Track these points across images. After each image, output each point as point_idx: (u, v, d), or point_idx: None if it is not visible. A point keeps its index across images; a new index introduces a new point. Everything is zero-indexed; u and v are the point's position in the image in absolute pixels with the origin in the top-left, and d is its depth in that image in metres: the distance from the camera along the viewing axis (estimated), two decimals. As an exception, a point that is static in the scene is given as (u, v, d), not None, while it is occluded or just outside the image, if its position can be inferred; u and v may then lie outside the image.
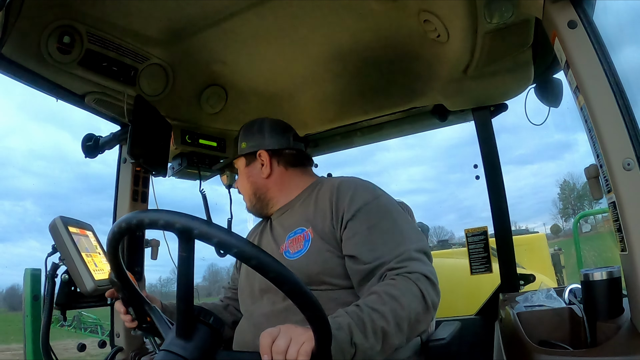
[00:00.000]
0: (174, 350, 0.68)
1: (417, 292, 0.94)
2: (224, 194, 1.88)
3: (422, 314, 0.94)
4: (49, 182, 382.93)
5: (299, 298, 0.66)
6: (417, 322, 0.94)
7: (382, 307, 0.88)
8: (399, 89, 1.74)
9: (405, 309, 0.90)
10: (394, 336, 0.89)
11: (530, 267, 2.93)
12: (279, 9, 1.30)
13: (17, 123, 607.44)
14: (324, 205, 1.16)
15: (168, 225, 0.65)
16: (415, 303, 0.93)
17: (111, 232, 0.74)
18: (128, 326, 1.02)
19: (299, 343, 0.71)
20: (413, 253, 1.01)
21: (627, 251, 0.81)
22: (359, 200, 1.11)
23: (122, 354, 1.56)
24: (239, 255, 0.64)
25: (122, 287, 0.88)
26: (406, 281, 0.95)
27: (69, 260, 1.26)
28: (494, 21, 1.17)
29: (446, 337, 1.22)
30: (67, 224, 1.29)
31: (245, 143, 1.33)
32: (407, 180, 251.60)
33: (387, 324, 0.87)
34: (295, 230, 1.18)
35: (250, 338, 1.12)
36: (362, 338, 0.84)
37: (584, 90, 0.88)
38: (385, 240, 1.05)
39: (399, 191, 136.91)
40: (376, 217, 1.09)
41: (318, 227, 1.13)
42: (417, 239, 1.07)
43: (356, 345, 0.83)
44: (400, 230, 1.07)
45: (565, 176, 48.06)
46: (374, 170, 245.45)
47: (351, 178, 1.22)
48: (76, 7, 1.22)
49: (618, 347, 0.79)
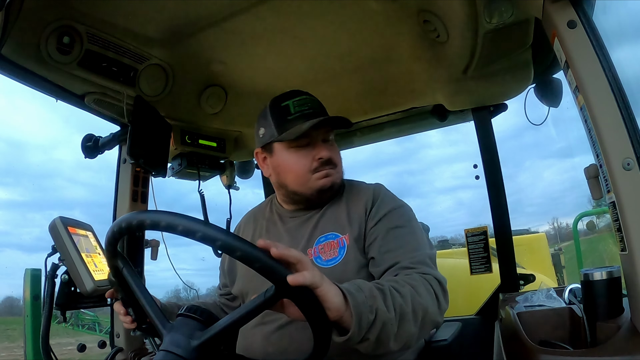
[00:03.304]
0: (174, 350, 0.68)
1: (431, 291, 0.92)
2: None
3: (433, 314, 0.90)
4: (96, 191, 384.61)
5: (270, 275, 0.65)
6: (430, 319, 0.89)
7: (402, 289, 0.84)
8: (399, 89, 1.74)
9: (422, 298, 0.87)
10: (410, 321, 0.82)
11: (530, 267, 2.93)
12: (279, 9, 1.30)
13: (64, 136, 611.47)
14: (359, 212, 1.11)
15: (140, 226, 0.68)
16: (429, 299, 0.90)
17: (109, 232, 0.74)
18: (128, 327, 1.01)
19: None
20: (427, 259, 1.01)
21: (627, 251, 0.81)
22: (384, 208, 1.11)
23: (122, 354, 1.56)
24: (185, 233, 0.64)
25: (121, 287, 0.88)
26: (421, 279, 0.93)
27: (69, 260, 1.26)
28: (493, 21, 1.17)
29: (448, 338, 1.22)
30: (67, 225, 1.29)
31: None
32: (451, 177, 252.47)
33: (405, 305, 0.82)
34: (327, 235, 1.11)
35: (258, 346, 1.09)
36: (383, 306, 0.77)
37: (584, 90, 0.88)
38: (402, 244, 1.04)
39: (443, 188, 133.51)
40: (396, 223, 1.08)
41: (354, 234, 1.09)
42: (430, 247, 1.08)
43: (377, 311, 0.75)
44: (416, 237, 1.07)
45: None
46: (418, 168, 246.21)
47: (379, 185, 1.19)
48: (76, 8, 1.22)
49: (618, 347, 0.79)
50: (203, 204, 1.92)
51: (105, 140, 1.57)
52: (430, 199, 36.58)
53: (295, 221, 1.20)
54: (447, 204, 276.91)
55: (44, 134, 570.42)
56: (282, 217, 1.24)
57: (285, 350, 1.05)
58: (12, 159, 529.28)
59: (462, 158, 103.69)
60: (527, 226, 1.92)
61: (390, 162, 41.25)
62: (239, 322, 0.69)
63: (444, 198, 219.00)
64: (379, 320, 0.75)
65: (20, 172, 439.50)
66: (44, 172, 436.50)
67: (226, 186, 2.04)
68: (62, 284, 1.29)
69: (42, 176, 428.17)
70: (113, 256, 0.79)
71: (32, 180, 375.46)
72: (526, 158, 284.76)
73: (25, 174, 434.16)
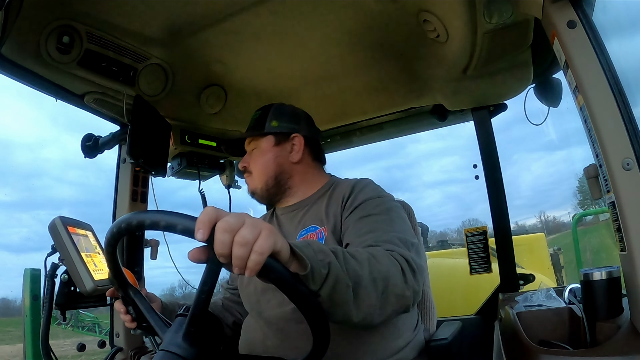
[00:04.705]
0: (173, 350, 0.68)
1: (395, 263, 0.87)
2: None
3: (398, 286, 0.84)
4: (84, 190, 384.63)
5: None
6: (393, 292, 0.83)
7: (358, 255, 0.80)
8: (399, 88, 1.75)
9: (382, 266, 0.82)
10: (368, 288, 0.77)
11: (530, 267, 2.94)
12: (278, 9, 1.30)
13: (51, 134, 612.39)
14: (336, 205, 1.15)
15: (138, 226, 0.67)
16: (392, 269, 0.84)
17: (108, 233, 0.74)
18: (128, 326, 1.02)
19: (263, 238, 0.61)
20: (395, 239, 0.97)
21: (627, 251, 0.81)
22: (361, 197, 1.12)
23: (122, 354, 1.56)
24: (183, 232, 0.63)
25: (121, 287, 0.88)
26: (385, 252, 0.89)
27: (69, 260, 1.26)
28: (493, 21, 1.17)
29: (448, 337, 1.22)
30: (66, 224, 1.29)
31: (276, 122, 1.27)
32: (440, 171, 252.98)
33: (361, 270, 0.77)
34: (307, 228, 1.16)
35: (259, 337, 1.11)
36: (336, 262, 0.72)
37: (584, 90, 0.88)
38: (373, 229, 1.02)
39: (431, 182, 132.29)
40: (372, 211, 1.08)
41: (330, 225, 1.12)
42: (405, 234, 1.03)
43: (330, 265, 0.70)
44: (392, 225, 1.04)
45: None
46: (405, 163, 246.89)
47: (365, 179, 1.22)
48: (76, 7, 1.22)
49: (618, 347, 0.79)
50: (204, 203, 1.92)
51: (105, 140, 1.56)
52: (418, 193, 36.62)
53: (285, 217, 1.28)
54: (435, 197, 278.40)
55: (30, 133, 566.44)
56: (276, 214, 1.33)
57: (283, 345, 1.06)
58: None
59: (451, 152, 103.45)
60: (514, 219, 1.92)
61: (378, 156, 40.07)
62: (203, 296, 0.64)
63: (432, 192, 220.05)
64: (331, 275, 0.70)
65: (7, 172, 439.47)
66: (32, 171, 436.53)
67: (226, 186, 2.04)
68: (61, 283, 1.29)
69: (29, 175, 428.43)
70: (112, 257, 0.79)
71: (19, 180, 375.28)
72: (514, 151, 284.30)
73: (12, 173, 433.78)
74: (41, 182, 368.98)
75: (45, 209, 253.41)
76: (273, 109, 1.30)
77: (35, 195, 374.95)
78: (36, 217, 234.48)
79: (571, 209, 44.29)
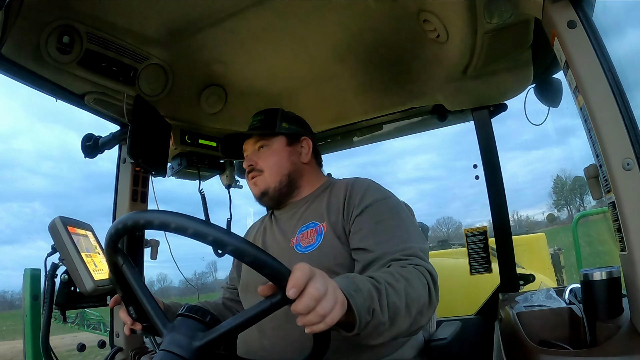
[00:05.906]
0: (173, 350, 0.68)
1: (425, 282, 0.92)
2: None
3: (426, 306, 0.90)
4: (57, 182, 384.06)
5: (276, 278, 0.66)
6: (421, 312, 0.89)
7: (397, 284, 0.84)
8: (399, 89, 1.74)
9: (416, 292, 0.87)
10: (403, 317, 0.83)
11: (530, 267, 2.93)
12: (278, 9, 1.30)
13: (24, 125, 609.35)
14: (337, 201, 1.17)
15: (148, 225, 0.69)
16: (423, 292, 0.89)
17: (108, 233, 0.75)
18: (129, 328, 1.01)
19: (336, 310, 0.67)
20: (418, 251, 1.01)
21: (627, 251, 0.81)
22: (369, 198, 1.13)
23: (122, 354, 1.56)
24: (196, 236, 0.65)
25: (121, 287, 0.88)
26: (415, 270, 0.93)
27: (69, 260, 1.26)
28: (493, 21, 1.17)
29: (447, 337, 1.22)
30: (66, 224, 1.29)
31: (286, 124, 1.31)
32: (414, 169, 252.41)
33: (400, 302, 0.82)
34: (307, 224, 1.18)
35: (255, 339, 1.11)
36: (379, 307, 0.77)
37: (584, 90, 0.88)
38: (391, 235, 1.05)
39: (405, 180, 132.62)
40: (384, 214, 1.10)
41: (331, 220, 1.14)
42: (421, 240, 1.08)
43: (373, 312, 0.76)
44: (406, 229, 1.08)
45: (559, 172, 48.90)
46: (381, 160, 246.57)
47: (365, 179, 1.24)
48: (76, 7, 1.22)
49: (618, 347, 0.79)
50: (204, 203, 1.91)
51: (105, 140, 1.56)
52: (393, 189, 37.17)
53: (284, 215, 1.30)
54: (409, 194, 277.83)
55: (2, 122, 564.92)
56: (275, 214, 1.34)
57: (281, 344, 1.06)
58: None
59: (425, 150, 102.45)
60: (488, 218, 1.91)
61: (354, 153, 41.76)
62: (243, 325, 0.69)
63: (407, 189, 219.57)
64: (373, 321, 0.77)
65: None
66: (3, 162, 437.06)
67: (226, 186, 2.04)
68: (61, 283, 1.29)
69: (1, 167, 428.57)
70: (113, 252, 0.79)
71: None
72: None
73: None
74: (14, 173, 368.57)
75: (18, 201, 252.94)
76: (281, 112, 1.34)
77: (7, 187, 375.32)
78: (8, 209, 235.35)
79: (545, 208, 44.40)
